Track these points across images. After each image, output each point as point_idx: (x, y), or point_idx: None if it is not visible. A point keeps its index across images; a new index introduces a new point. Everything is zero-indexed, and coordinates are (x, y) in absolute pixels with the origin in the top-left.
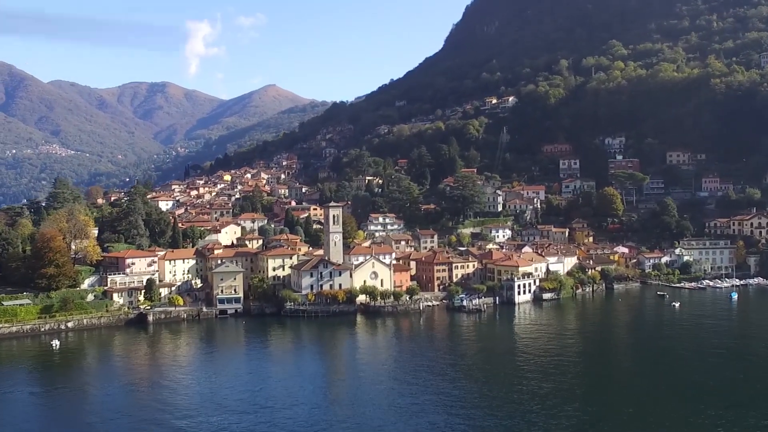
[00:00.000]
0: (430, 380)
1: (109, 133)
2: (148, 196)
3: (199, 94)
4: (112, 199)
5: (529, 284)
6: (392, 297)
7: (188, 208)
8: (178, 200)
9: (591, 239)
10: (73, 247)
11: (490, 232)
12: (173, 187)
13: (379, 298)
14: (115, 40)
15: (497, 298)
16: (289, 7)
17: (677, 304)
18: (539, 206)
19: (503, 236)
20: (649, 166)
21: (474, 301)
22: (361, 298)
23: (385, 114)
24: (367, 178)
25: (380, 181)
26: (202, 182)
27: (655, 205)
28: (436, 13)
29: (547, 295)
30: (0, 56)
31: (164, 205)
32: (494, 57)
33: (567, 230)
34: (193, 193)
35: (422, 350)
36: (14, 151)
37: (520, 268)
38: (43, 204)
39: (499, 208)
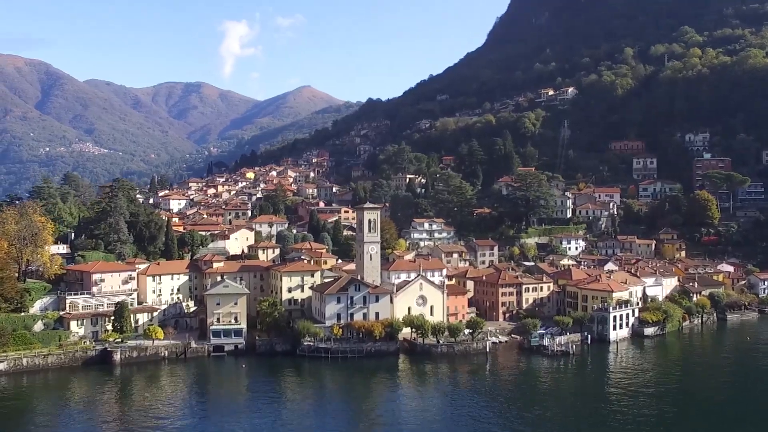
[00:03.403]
0: None
1: (142, 132)
2: (160, 194)
3: (234, 95)
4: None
5: (627, 315)
6: (447, 331)
7: (201, 208)
8: (192, 199)
9: (683, 254)
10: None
11: (561, 243)
12: (190, 185)
13: (429, 333)
14: (152, 39)
15: (587, 334)
16: (329, 8)
17: None
18: (616, 212)
19: (576, 248)
20: (742, 167)
21: (557, 339)
22: (405, 333)
23: (426, 108)
24: (408, 176)
25: (423, 180)
26: (222, 180)
27: (757, 212)
28: (476, 11)
29: (648, 330)
30: (37, 55)
31: (176, 204)
32: (547, 47)
33: (653, 242)
34: (211, 191)
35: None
36: (47, 149)
37: (615, 294)
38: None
39: (569, 214)
